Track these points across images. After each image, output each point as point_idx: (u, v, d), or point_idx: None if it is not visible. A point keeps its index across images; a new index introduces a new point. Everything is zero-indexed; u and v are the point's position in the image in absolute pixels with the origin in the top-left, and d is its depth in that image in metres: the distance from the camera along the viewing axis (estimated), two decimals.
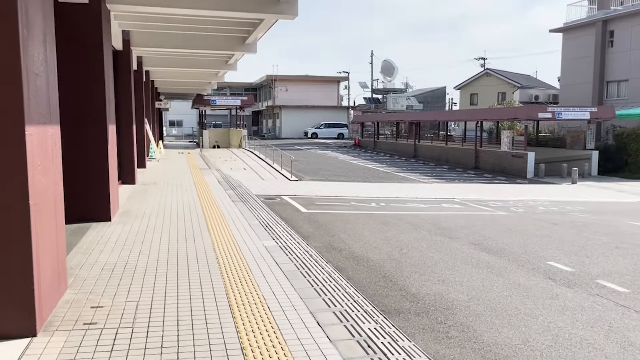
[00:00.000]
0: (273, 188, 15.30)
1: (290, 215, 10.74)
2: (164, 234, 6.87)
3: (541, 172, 23.02)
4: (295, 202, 12.85)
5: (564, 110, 22.88)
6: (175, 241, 6.50)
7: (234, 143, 33.75)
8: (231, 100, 31.81)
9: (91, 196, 7.44)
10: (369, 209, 12.41)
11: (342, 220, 10.62)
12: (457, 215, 12.04)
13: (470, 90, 52.46)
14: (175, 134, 61.80)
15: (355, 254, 7.74)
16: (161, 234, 6.92)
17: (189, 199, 10.23)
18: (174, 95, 39.94)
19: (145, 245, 6.20)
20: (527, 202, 15.09)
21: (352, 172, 22.78)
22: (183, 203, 9.64)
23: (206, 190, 11.83)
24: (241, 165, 22.46)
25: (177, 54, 15.73)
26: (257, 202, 11.32)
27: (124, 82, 11.86)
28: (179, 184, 12.78)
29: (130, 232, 6.91)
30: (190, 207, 9.17)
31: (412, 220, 10.91)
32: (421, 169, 26.46)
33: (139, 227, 7.27)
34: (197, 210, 8.85)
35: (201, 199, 10.34)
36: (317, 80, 61.48)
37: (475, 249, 8.49)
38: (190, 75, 21.95)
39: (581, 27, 31.08)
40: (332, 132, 54.53)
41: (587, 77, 30.52)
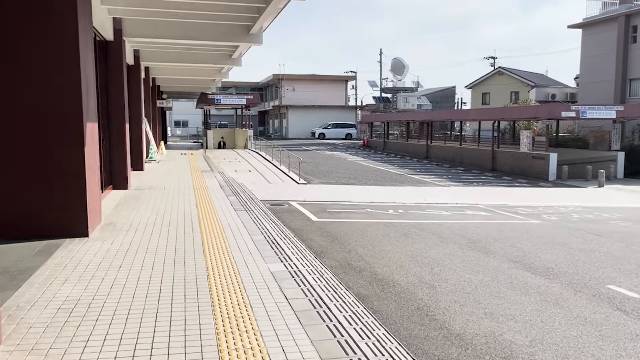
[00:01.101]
0: (280, 192, 14.09)
1: (300, 226, 9.52)
2: (148, 256, 5.66)
3: (564, 174, 21.68)
4: (304, 208, 11.63)
5: (588, 109, 21.53)
6: (161, 265, 5.28)
7: (240, 144, 32.57)
8: (236, 99, 30.61)
9: (65, 206, 6.25)
10: (386, 216, 11.18)
11: (358, 231, 9.39)
12: (486, 224, 10.78)
13: (482, 90, 51.03)
14: (180, 134, 60.75)
15: (379, 276, 6.51)
16: (145, 254, 5.71)
17: (186, 207, 9.03)
18: (178, 94, 38.84)
19: (122, 272, 4.99)
20: (558, 208, 13.80)
21: (363, 174, 21.54)
22: (178, 212, 8.43)
23: (206, 196, 10.63)
24: (246, 167, 21.27)
25: (177, 46, 14.55)
26: (263, 209, 10.11)
27: (115, 75, 10.70)
28: (176, 188, 11.58)
29: (109, 253, 5.70)
30: (186, 218, 7.96)
31: (437, 231, 9.67)
32: (435, 170, 25.18)
33: (120, 245, 6.06)
34: (194, 222, 7.64)
35: (199, 207, 9.13)
36: (324, 79, 60.25)
37: (517, 267, 7.23)
38: (193, 72, 20.79)
39: (602, 22, 29.68)
40: (340, 132, 53.28)
41: (609, 74, 29.11)
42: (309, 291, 4.82)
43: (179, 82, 25.81)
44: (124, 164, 10.97)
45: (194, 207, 8.91)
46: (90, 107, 6.67)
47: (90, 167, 6.55)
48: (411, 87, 50.57)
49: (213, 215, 8.32)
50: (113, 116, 10.85)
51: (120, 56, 10.75)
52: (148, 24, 11.04)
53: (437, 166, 27.62)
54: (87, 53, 6.62)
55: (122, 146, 10.94)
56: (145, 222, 7.52)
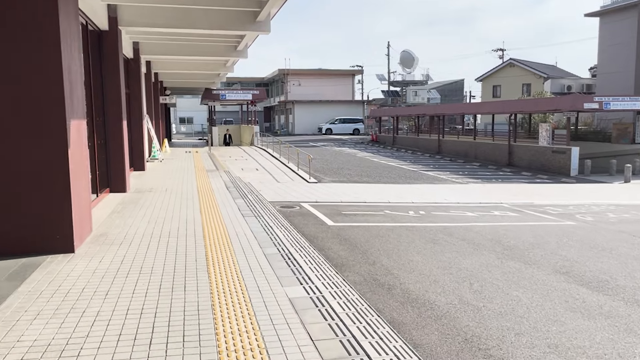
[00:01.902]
0: (290, 192, 13.18)
1: (315, 232, 8.61)
2: (142, 277, 4.76)
3: (587, 169, 20.64)
4: (317, 211, 10.71)
5: (612, 100, 20.43)
6: (157, 292, 4.38)
7: (246, 140, 31.67)
8: (242, 94, 29.66)
9: (45, 217, 5.36)
10: (407, 219, 10.24)
11: (379, 237, 8.46)
12: (517, 227, 9.82)
13: (493, 82, 49.89)
14: (185, 131, 59.96)
15: (412, 295, 5.59)
16: (139, 275, 4.81)
17: (189, 213, 8.13)
18: (182, 91, 37.97)
19: (108, 302, 4.08)
20: (590, 207, 12.82)
21: (375, 171, 20.59)
22: (180, 220, 7.53)
23: (211, 199, 9.73)
24: (253, 165, 20.36)
25: (179, 37, 13.62)
26: (273, 213, 9.20)
27: (111, 69, 9.80)
28: (179, 191, 10.69)
29: (95, 275, 4.81)
30: (188, 227, 7.06)
31: (467, 236, 8.73)
32: (449, 166, 24.18)
33: (110, 264, 5.16)
34: (197, 232, 6.74)
35: (204, 212, 8.23)
36: (331, 74, 59.21)
37: (567, 281, 6.29)
38: (196, 65, 19.87)
39: (621, 10, 28.50)
40: (348, 127, 52.28)
41: (628, 64, 27.96)
42: (337, 326, 3.90)
43: (183, 77, 24.90)
44: (122, 165, 10.09)
45: (198, 214, 8.01)
46: (76, 104, 5.77)
47: (76, 172, 5.66)
48: (421, 81, 49.39)
49: (219, 222, 7.42)
50: (109, 114, 9.96)
51: (116, 47, 9.84)
52: (146, 12, 10.13)
53: (451, 162, 26.61)
54: (71, 41, 5.71)
55: (119, 146, 10.05)
56: (142, 232, 6.62)
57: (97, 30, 9.61)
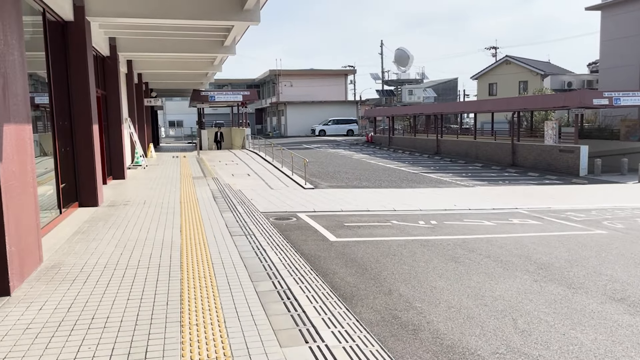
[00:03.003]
0: (285, 201, 11.97)
1: (316, 251, 7.39)
2: (90, 335, 3.51)
3: (597, 168, 19.57)
4: (316, 223, 9.50)
5: (622, 96, 19.40)
6: None
7: (237, 143, 30.39)
8: (232, 95, 28.37)
9: None
10: (419, 231, 9.05)
11: (390, 255, 7.27)
12: (544, 239, 8.66)
13: (489, 80, 48.89)
14: (174, 135, 58.53)
15: (445, 340, 4.39)
16: (86, 332, 3.57)
17: (166, 233, 6.88)
18: (169, 92, 36.62)
19: None
20: (614, 211, 11.70)
21: (374, 175, 19.40)
22: (154, 244, 6.29)
23: (195, 213, 8.48)
24: (244, 170, 19.11)
25: (160, 31, 12.34)
26: (266, 229, 7.98)
27: (77, 65, 8.52)
28: (159, 203, 9.44)
29: (27, 334, 3.56)
30: (163, 253, 5.82)
31: (491, 252, 7.55)
32: (451, 168, 23.04)
33: (52, 314, 3.91)
34: (173, 260, 5.50)
35: (184, 231, 6.99)
36: (323, 74, 58.02)
37: (629, 312, 5.13)
38: (182, 64, 18.58)
39: (624, 2, 27.50)
40: (341, 128, 51.10)
41: (632, 58, 26.96)
42: None
43: (169, 78, 23.57)
44: (93, 176, 8.81)
45: (177, 233, 6.77)
46: (13, 103, 4.52)
47: (13, 191, 4.40)
48: (416, 79, 48.26)
49: (201, 245, 6.17)
50: (77, 117, 8.68)
51: (84, 41, 8.57)
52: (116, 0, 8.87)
53: (452, 163, 25.48)
54: (4, 26, 4.47)
55: (89, 153, 8.77)
56: (105, 262, 5.37)
57: (60, 20, 8.34)
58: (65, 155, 8.19)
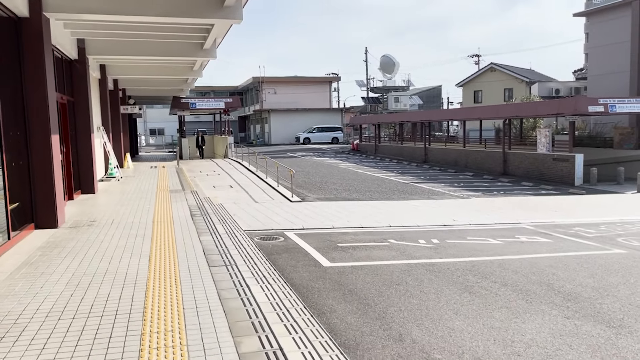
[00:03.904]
0: (271, 216, 10.97)
1: (308, 279, 6.41)
2: None
3: (593, 177, 18.94)
4: (307, 243, 8.53)
5: (618, 103, 18.85)
6: None
7: (219, 152, 29.29)
8: (214, 102, 27.28)
9: None
10: (420, 252, 8.13)
11: (394, 284, 6.33)
12: (561, 260, 7.80)
13: (474, 87, 48.57)
14: (154, 144, 57.05)
15: None
16: None
17: (132, 264, 5.84)
18: (149, 100, 35.38)
19: None
20: (624, 226, 10.94)
21: (363, 185, 18.49)
22: (115, 279, 5.24)
23: (168, 236, 7.44)
24: (226, 181, 18.05)
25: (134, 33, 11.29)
26: (250, 253, 6.99)
27: (34, 67, 7.45)
28: (129, 223, 8.37)
29: None
30: (124, 294, 4.79)
31: (507, 279, 6.66)
32: (441, 177, 22.25)
33: None
34: (135, 305, 4.48)
35: (154, 262, 5.95)
36: (307, 81, 57.17)
37: None
38: (160, 69, 17.48)
39: (613, 8, 27.17)
40: (326, 136, 50.22)
41: (622, 65, 26.58)
42: None
43: (147, 84, 22.42)
44: (51, 193, 7.72)
45: (145, 265, 5.73)
46: None
47: None
48: (402, 86, 47.63)
49: (172, 281, 5.15)
50: (32, 126, 7.60)
51: (40, 40, 7.51)
52: None
53: (441, 171, 24.72)
54: None
55: (46, 167, 7.68)
56: (49, 308, 4.33)
57: (12, 16, 7.28)
58: (17, 171, 7.10)
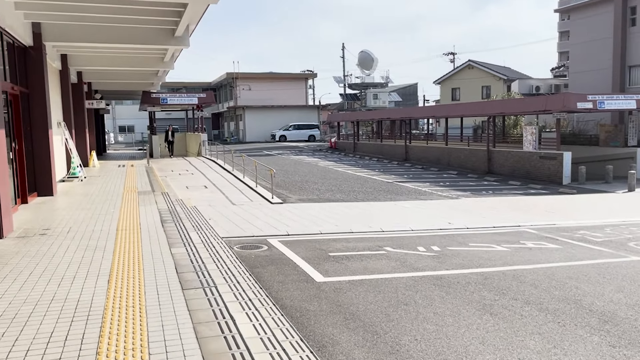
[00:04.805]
0: (251, 220, 9.95)
1: (300, 300, 5.43)
2: None
3: (581, 176, 18.42)
4: (294, 252, 7.55)
5: (606, 99, 18.38)
6: None
7: (192, 150, 28.00)
8: (186, 98, 25.97)
9: None
10: (423, 262, 7.24)
11: (402, 304, 5.41)
12: (578, 269, 7.02)
13: (452, 85, 48.19)
14: (124, 141, 55.09)
15: None
16: None
17: (87, 287, 4.75)
18: (117, 95, 33.74)
19: None
20: (629, 228, 10.30)
21: (346, 185, 17.56)
22: (62, 312, 4.16)
23: (134, 249, 6.35)
24: (201, 181, 16.90)
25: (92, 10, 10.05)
26: (230, 266, 5.97)
27: None
28: (89, 232, 7.25)
29: None
30: (71, 336, 3.72)
31: (528, 295, 5.81)
32: (425, 176, 21.49)
33: None
34: (85, 351, 3.41)
35: (115, 284, 4.88)
36: (283, 77, 56.01)
37: None
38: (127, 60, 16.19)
39: (595, 4, 26.87)
40: (303, 134, 49.20)
41: (604, 62, 26.31)
42: None
43: (115, 77, 21.01)
44: None
45: (103, 289, 4.65)
46: None
47: None
48: (381, 83, 46.89)
49: (136, 313, 4.11)
50: None
51: None
52: None
53: (424, 170, 23.98)
54: None
55: None
56: None
57: None
58: None
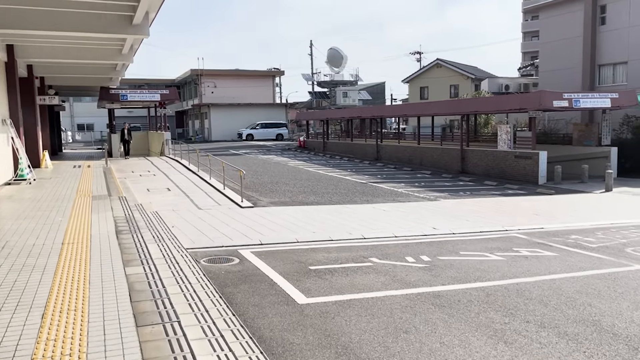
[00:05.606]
0: (219, 227, 9.00)
1: (280, 328, 4.57)
2: None
3: (557, 176, 18.12)
4: (270, 267, 6.67)
5: (582, 98, 18.15)
6: None
7: (154, 149, 26.65)
8: (148, 94, 24.60)
9: None
10: (415, 275, 6.48)
11: (401, 331, 4.63)
12: (585, 282, 6.40)
13: (420, 84, 47.99)
14: (82, 140, 52.80)
15: None
16: None
17: (13, 326, 3.77)
18: (74, 91, 32.00)
19: None
20: (620, 231, 9.84)
21: (319, 186, 16.74)
22: None
23: (81, 268, 5.35)
24: (163, 183, 15.76)
25: None
26: (197, 287, 5.06)
27: None
28: (28, 247, 6.18)
29: None
30: None
31: (539, 316, 5.12)
32: (399, 176, 20.88)
33: None
34: None
35: (49, 320, 3.90)
36: (249, 75, 54.76)
37: None
38: (81, 52, 14.91)
39: (565, 3, 26.84)
40: (270, 132, 48.12)
41: (574, 60, 26.30)
42: None
43: (70, 71, 19.56)
44: None
45: (34, 327, 3.68)
46: None
47: None
48: (350, 81, 46.22)
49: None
50: None
51: None
52: None
53: (397, 170, 23.38)
54: None
55: None
56: None
57: None
58: None
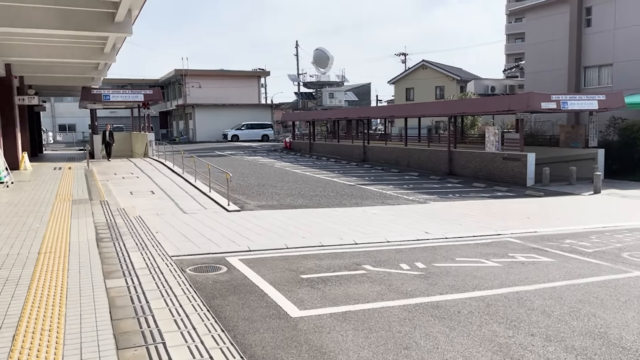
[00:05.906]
0: (205, 233, 8.67)
1: (273, 346, 4.29)
2: None
3: (545, 178, 18.06)
4: (259, 276, 6.37)
5: (569, 99, 18.13)
6: None
7: (138, 150, 26.13)
8: (131, 95, 24.08)
9: None
10: (411, 284, 6.24)
11: (402, 349, 4.40)
12: (586, 290, 6.21)
13: (406, 85, 47.96)
14: (63, 141, 51.81)
15: None
16: None
17: None
18: (55, 91, 31.30)
19: None
20: (613, 235, 9.71)
21: (307, 188, 16.45)
22: None
23: (57, 282, 5.01)
24: (147, 185, 15.34)
25: None
26: (182, 300, 4.75)
27: None
28: (2, 256, 5.79)
29: None
30: None
31: (545, 328, 4.91)
32: (387, 177, 20.69)
33: None
34: None
35: (19, 346, 3.55)
36: (234, 75, 54.25)
37: None
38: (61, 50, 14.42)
39: (551, 4, 26.92)
40: (256, 133, 47.70)
41: (559, 62, 26.39)
42: None
43: (50, 71, 19.01)
44: None
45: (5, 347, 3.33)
46: None
47: None
48: (337, 81, 45.98)
49: None
50: None
51: None
52: None
53: (384, 171, 23.20)
54: None
55: None
56: None
57: None
58: None
